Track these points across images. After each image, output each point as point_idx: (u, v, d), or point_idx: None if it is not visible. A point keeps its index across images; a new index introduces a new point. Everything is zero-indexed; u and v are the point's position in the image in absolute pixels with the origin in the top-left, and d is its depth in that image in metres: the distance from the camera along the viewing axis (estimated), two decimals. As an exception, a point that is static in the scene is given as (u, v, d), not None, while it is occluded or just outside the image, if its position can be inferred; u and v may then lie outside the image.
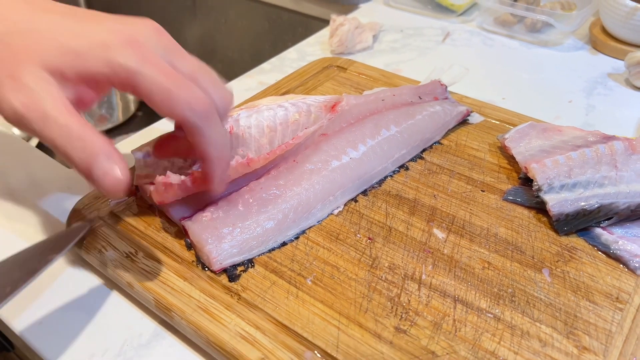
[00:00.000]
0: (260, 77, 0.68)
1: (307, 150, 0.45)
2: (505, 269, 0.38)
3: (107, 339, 0.36)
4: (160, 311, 0.36)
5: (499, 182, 0.46)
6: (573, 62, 0.72)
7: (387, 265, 0.38)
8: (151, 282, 0.37)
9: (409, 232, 0.41)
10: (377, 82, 0.61)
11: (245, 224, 0.39)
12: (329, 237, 0.40)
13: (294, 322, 0.34)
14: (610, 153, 0.44)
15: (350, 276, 0.37)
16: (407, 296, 0.36)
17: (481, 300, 0.36)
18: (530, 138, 0.48)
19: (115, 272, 0.38)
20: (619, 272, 0.38)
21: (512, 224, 0.42)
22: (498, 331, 0.34)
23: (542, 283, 0.37)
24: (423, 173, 0.47)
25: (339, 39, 0.71)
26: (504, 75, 0.68)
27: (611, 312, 0.35)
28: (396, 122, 0.49)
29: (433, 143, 0.51)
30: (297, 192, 0.41)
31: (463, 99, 0.57)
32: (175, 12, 1.28)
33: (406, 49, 0.74)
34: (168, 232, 0.41)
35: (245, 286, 0.36)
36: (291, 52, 0.74)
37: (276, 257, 0.39)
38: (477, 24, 0.82)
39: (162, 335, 0.36)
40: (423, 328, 0.34)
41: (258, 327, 0.34)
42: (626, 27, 0.70)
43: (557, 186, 0.42)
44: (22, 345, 0.37)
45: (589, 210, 0.41)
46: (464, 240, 0.40)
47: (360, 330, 0.34)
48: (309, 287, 0.36)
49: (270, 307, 0.35)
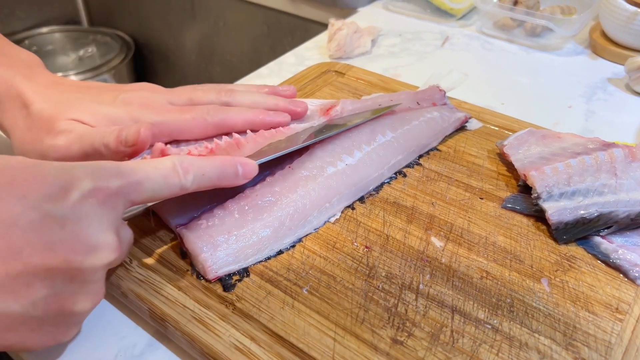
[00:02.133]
0: (259, 81, 0.67)
1: (302, 157, 0.44)
2: (503, 279, 0.38)
3: (100, 349, 0.35)
4: (154, 321, 0.35)
5: (498, 190, 0.46)
6: (573, 66, 0.71)
7: (384, 275, 0.38)
8: (145, 292, 0.36)
9: (406, 241, 0.41)
10: (375, 87, 0.60)
11: (241, 232, 0.39)
12: (326, 246, 0.40)
13: (289, 333, 0.34)
14: (610, 161, 0.43)
15: (346, 286, 0.37)
16: (404, 306, 0.36)
17: (479, 311, 0.35)
18: (530, 145, 0.47)
19: (109, 281, 0.37)
20: (619, 281, 0.38)
21: (511, 233, 0.42)
22: (496, 342, 0.33)
23: (540, 293, 0.37)
24: (421, 180, 0.47)
25: (338, 43, 0.70)
26: (503, 79, 0.68)
27: (611, 323, 0.35)
28: (392, 127, 0.49)
29: (430, 149, 0.50)
30: (292, 199, 0.41)
31: (462, 104, 0.57)
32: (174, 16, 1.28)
33: (405, 54, 0.74)
34: (163, 240, 0.40)
35: (241, 296, 0.36)
36: (289, 57, 0.74)
37: (272, 266, 0.38)
38: (476, 28, 0.81)
39: (156, 345, 0.36)
40: (420, 339, 0.33)
41: (253, 338, 0.33)
42: (626, 31, 0.70)
43: (556, 194, 0.42)
44: (13, 355, 0.37)
45: (588, 218, 0.41)
46: (462, 249, 0.40)
47: (356, 342, 0.33)
48: (305, 297, 0.36)
49: (265, 317, 0.35)
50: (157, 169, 0.32)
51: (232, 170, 0.36)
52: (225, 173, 0.36)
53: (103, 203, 0.29)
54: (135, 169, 0.31)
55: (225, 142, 0.43)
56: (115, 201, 0.30)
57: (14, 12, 1.45)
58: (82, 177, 0.29)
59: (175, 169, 0.33)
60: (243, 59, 1.18)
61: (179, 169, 0.33)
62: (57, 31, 1.50)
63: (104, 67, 1.35)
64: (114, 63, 1.37)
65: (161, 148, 0.40)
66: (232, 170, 0.36)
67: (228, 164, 0.36)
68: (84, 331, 0.36)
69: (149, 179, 0.32)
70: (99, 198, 0.29)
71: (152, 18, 1.36)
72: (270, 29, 1.07)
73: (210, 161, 0.36)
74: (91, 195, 0.29)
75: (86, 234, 0.28)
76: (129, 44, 1.43)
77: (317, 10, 0.94)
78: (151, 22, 1.37)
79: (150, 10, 1.35)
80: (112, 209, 0.30)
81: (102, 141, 0.39)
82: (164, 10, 1.31)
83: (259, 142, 0.44)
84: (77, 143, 0.39)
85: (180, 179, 0.33)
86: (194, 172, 0.34)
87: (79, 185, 0.29)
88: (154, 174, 0.32)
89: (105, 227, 0.30)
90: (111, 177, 0.30)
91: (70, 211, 0.28)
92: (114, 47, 1.42)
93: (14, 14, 1.45)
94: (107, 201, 0.30)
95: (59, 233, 0.27)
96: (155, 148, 0.40)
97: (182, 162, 0.34)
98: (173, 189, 0.33)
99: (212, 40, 1.21)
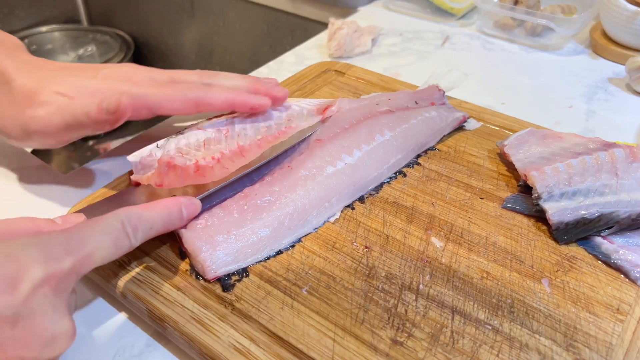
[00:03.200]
0: (258, 81, 0.67)
1: (301, 156, 0.44)
2: (504, 279, 0.38)
3: (98, 350, 0.35)
4: (152, 321, 0.35)
5: (498, 190, 0.46)
6: (573, 66, 0.71)
7: (384, 275, 0.37)
8: (144, 292, 0.36)
9: (406, 241, 0.40)
10: (375, 86, 0.60)
11: (240, 232, 0.38)
12: (325, 246, 0.40)
13: (288, 333, 0.34)
14: (611, 161, 0.43)
15: (346, 286, 0.37)
16: (404, 307, 0.35)
17: (479, 311, 0.35)
18: (530, 145, 0.47)
19: (107, 281, 0.37)
20: (620, 282, 0.38)
21: (511, 233, 0.41)
22: (496, 343, 0.33)
23: (541, 294, 0.37)
24: (421, 180, 0.46)
25: (338, 42, 0.70)
26: (504, 79, 0.68)
27: (612, 324, 0.35)
28: (390, 127, 0.48)
29: (428, 149, 0.50)
30: (292, 198, 0.41)
31: (462, 104, 0.57)
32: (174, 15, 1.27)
33: (405, 53, 0.74)
34: (161, 240, 0.40)
35: (240, 296, 0.36)
36: (289, 56, 0.73)
37: (271, 266, 0.38)
38: (476, 28, 0.81)
39: (155, 346, 0.35)
40: (420, 340, 0.33)
41: (252, 338, 0.33)
42: (627, 31, 0.69)
43: (557, 194, 0.42)
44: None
45: (589, 219, 0.40)
46: (462, 249, 0.40)
47: (356, 342, 0.33)
48: (305, 297, 0.36)
49: (264, 318, 0.34)
50: (107, 234, 0.30)
51: (178, 215, 0.36)
52: (171, 219, 0.36)
53: (56, 288, 0.27)
54: (85, 239, 0.29)
55: (230, 152, 0.43)
56: (68, 281, 0.28)
57: (14, 11, 1.45)
58: (31, 264, 0.26)
59: (125, 229, 0.32)
60: (242, 58, 1.18)
61: (128, 228, 0.32)
62: (56, 30, 1.50)
63: (104, 66, 1.35)
64: (113, 62, 1.37)
65: (167, 160, 0.39)
66: (178, 215, 0.36)
67: (174, 209, 0.36)
68: (83, 332, 0.36)
69: (99, 249, 0.30)
70: (51, 285, 0.27)
71: (152, 17, 1.35)
72: (270, 28, 1.06)
73: (156, 211, 0.35)
74: (43, 283, 0.26)
75: (41, 328, 0.26)
76: (129, 43, 1.43)
77: (317, 9, 0.94)
78: (151, 22, 1.36)
79: (150, 9, 1.35)
80: (65, 290, 0.28)
81: (83, 110, 0.39)
82: (163, 10, 1.30)
83: (262, 147, 0.44)
84: (58, 114, 0.39)
85: (130, 240, 0.32)
86: (142, 228, 0.33)
87: (28, 275, 0.26)
88: (104, 242, 0.30)
89: (60, 314, 0.27)
90: (62, 257, 0.27)
91: (21, 307, 0.25)
92: (113, 46, 1.42)
93: (13, 13, 1.45)
94: (60, 284, 0.27)
95: (10, 332, 0.25)
96: (161, 161, 0.39)
97: (130, 220, 0.32)
98: (123, 251, 0.32)
99: (212, 39, 1.21)
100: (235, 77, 0.46)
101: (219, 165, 0.40)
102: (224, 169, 0.40)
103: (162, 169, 0.39)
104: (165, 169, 0.39)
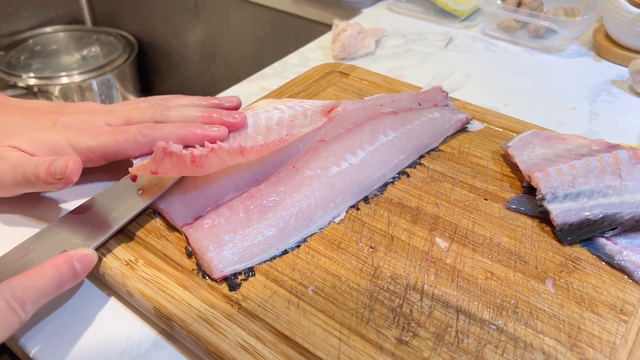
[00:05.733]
0: (262, 82, 0.67)
1: (306, 157, 0.44)
2: (508, 280, 0.38)
3: (105, 348, 0.35)
4: (160, 320, 0.36)
5: (502, 191, 0.46)
6: (576, 68, 0.71)
7: (389, 275, 0.38)
8: (151, 291, 0.36)
9: (411, 241, 0.41)
10: (379, 88, 0.60)
11: (247, 231, 0.39)
12: (331, 246, 0.40)
13: (294, 332, 0.34)
14: (615, 162, 0.43)
15: (351, 286, 0.37)
16: (409, 307, 0.36)
17: (484, 312, 0.35)
18: (534, 146, 0.47)
19: (115, 280, 0.37)
20: (623, 283, 0.38)
21: (515, 234, 0.42)
22: (501, 343, 0.34)
23: (545, 294, 0.37)
24: (425, 181, 0.47)
25: (342, 44, 0.71)
26: (507, 81, 0.68)
27: (615, 324, 0.35)
28: (393, 127, 0.49)
29: (431, 150, 0.50)
30: (297, 198, 0.41)
31: (466, 105, 0.57)
32: (178, 15, 1.28)
33: (409, 55, 0.74)
34: (168, 239, 0.40)
35: (246, 295, 0.36)
36: (293, 57, 0.74)
37: (277, 265, 0.38)
38: (480, 30, 0.81)
39: (162, 344, 0.36)
40: (425, 339, 0.34)
41: (258, 337, 0.34)
42: (630, 33, 0.70)
43: (560, 195, 0.42)
44: (20, 353, 0.37)
45: (593, 220, 0.41)
46: (467, 250, 0.40)
47: (361, 342, 0.33)
48: (310, 296, 0.36)
49: (270, 317, 0.35)
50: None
51: (70, 272, 0.34)
52: (62, 279, 0.34)
53: None
54: None
55: (230, 148, 0.42)
56: None
57: (18, 11, 1.46)
58: None
59: (10, 305, 0.30)
60: (246, 59, 1.19)
61: (14, 304, 0.30)
62: (60, 31, 1.50)
63: (108, 67, 1.35)
64: (117, 63, 1.37)
65: (162, 146, 0.39)
66: (70, 273, 0.34)
67: (63, 268, 0.34)
68: (90, 330, 0.36)
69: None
70: None
71: (156, 18, 1.36)
72: (274, 29, 1.07)
73: (44, 275, 0.33)
74: None
75: None
76: (133, 44, 1.43)
77: (321, 11, 0.94)
78: (155, 22, 1.37)
79: (153, 10, 1.35)
80: None
81: (33, 171, 0.39)
82: (167, 10, 1.31)
83: (263, 151, 0.43)
84: (10, 172, 0.40)
85: (19, 315, 0.30)
86: (30, 299, 0.31)
87: None
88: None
89: None
90: None
91: None
92: (117, 46, 1.42)
93: (18, 14, 1.46)
94: None
95: None
96: (157, 147, 0.39)
97: (14, 294, 0.30)
98: (14, 329, 0.30)
99: (216, 40, 1.21)
100: (189, 108, 0.47)
101: (215, 155, 0.40)
102: (220, 160, 0.40)
103: (157, 155, 0.39)
104: (161, 154, 0.38)
